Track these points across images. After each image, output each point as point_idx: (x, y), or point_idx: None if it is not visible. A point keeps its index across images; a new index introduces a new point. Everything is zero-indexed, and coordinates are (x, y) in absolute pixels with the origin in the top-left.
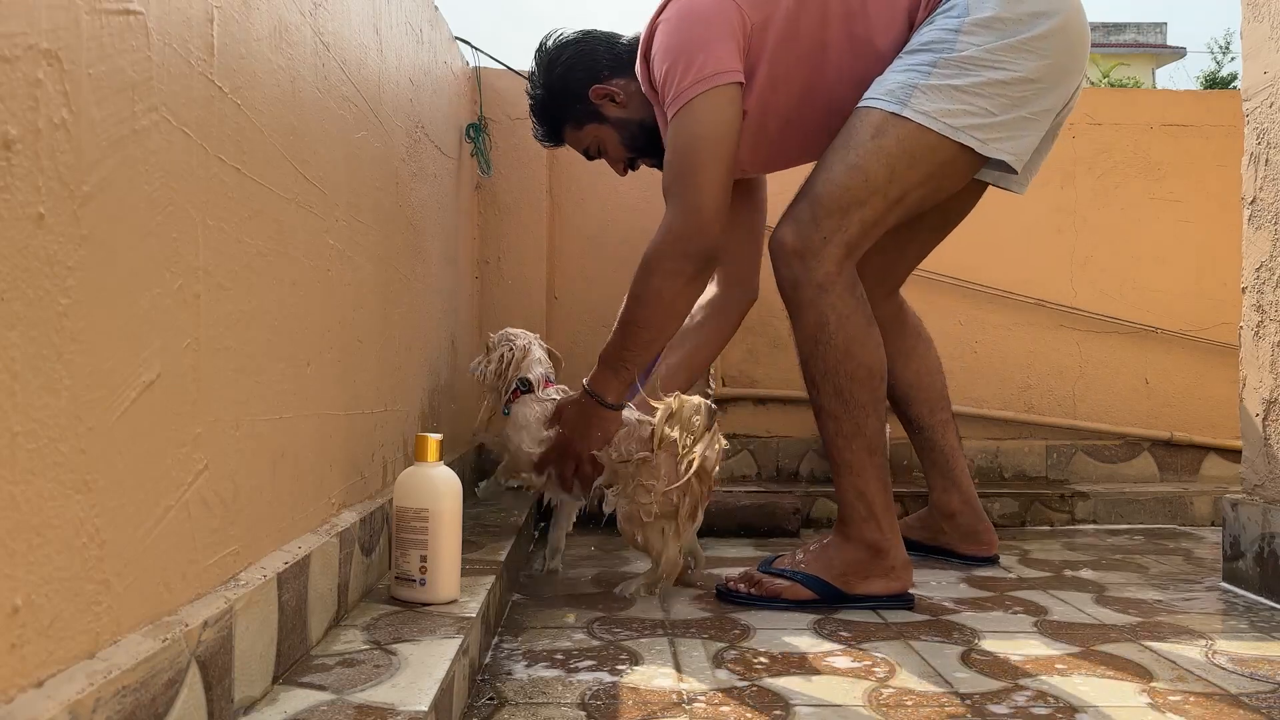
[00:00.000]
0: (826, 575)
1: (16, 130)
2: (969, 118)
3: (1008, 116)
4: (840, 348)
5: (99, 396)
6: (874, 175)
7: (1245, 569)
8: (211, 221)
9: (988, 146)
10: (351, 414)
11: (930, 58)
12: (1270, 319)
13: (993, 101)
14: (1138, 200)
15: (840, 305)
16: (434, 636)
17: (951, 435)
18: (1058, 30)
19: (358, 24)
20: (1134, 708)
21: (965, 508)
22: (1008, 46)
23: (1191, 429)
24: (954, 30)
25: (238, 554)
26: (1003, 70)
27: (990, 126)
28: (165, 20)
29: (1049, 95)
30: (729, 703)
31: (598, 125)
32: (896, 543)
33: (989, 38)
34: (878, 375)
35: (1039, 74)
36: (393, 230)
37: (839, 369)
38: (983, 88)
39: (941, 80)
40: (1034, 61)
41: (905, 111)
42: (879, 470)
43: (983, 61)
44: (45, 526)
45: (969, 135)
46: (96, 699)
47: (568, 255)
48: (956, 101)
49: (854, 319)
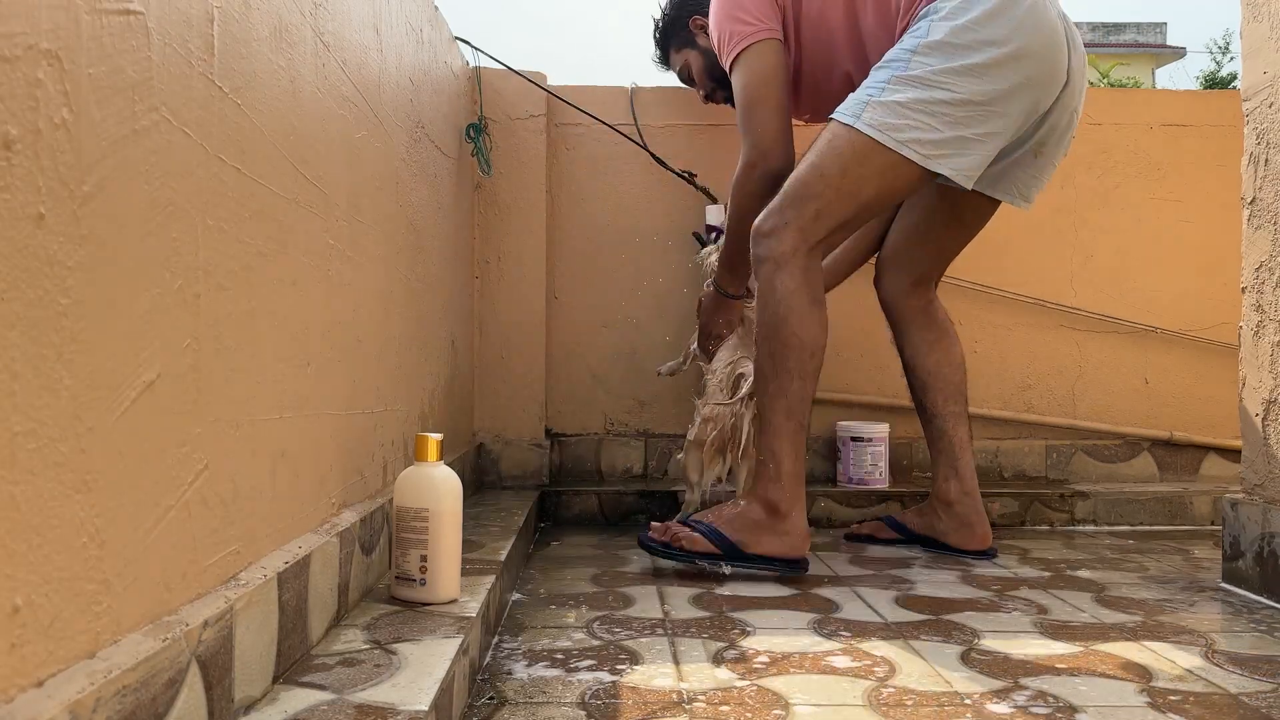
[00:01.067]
0: (728, 530)
1: (17, 130)
2: (912, 132)
3: (950, 134)
4: (780, 316)
5: (99, 396)
6: (827, 171)
7: (1245, 569)
8: (211, 221)
9: (929, 161)
10: (351, 414)
11: (886, 75)
12: (1270, 319)
13: (935, 119)
14: (1138, 200)
15: (789, 281)
16: (434, 636)
17: (963, 429)
18: (1007, 59)
19: (358, 24)
20: (1134, 708)
21: (964, 499)
22: (952, 70)
23: (1191, 429)
24: (910, 50)
25: (238, 554)
26: (945, 91)
27: (932, 143)
28: (165, 20)
29: (995, 120)
30: (729, 702)
31: (690, 50)
32: (798, 510)
33: (937, 59)
34: (808, 349)
35: (981, 98)
36: (393, 230)
37: (775, 334)
38: (926, 105)
39: (890, 97)
40: (977, 86)
41: (858, 124)
42: (793, 435)
43: (928, 81)
44: (45, 526)
45: (910, 149)
46: (97, 699)
47: (568, 255)
48: (901, 117)
49: (798, 294)
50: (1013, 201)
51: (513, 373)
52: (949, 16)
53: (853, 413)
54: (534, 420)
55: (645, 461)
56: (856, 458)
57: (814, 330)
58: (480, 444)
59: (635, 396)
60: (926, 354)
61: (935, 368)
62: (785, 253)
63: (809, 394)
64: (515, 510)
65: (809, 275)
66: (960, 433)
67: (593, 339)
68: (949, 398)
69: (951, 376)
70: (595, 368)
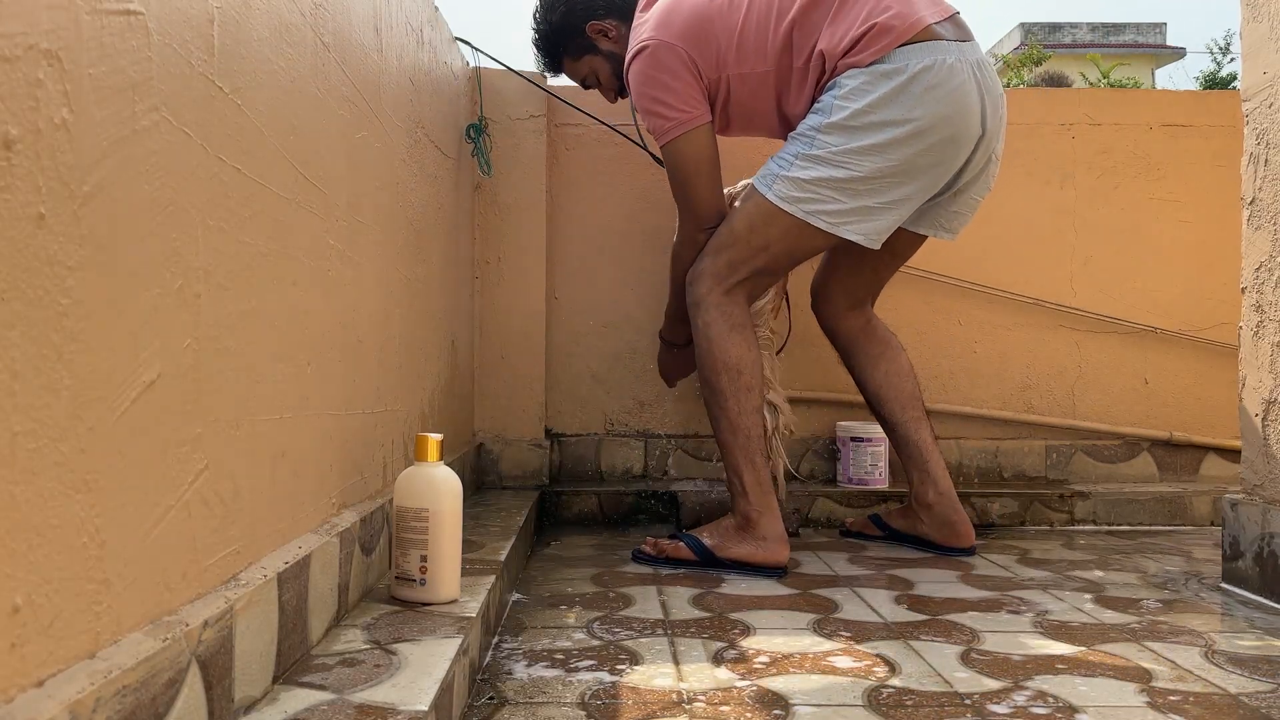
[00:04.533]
0: (707, 539)
1: (17, 130)
2: (816, 204)
3: (852, 204)
4: (705, 347)
5: (99, 396)
6: (738, 229)
7: (1245, 569)
8: (211, 221)
9: (837, 229)
10: (351, 414)
11: (795, 150)
12: (1270, 319)
13: (838, 192)
14: (1137, 200)
15: (707, 315)
16: (434, 636)
17: (925, 431)
18: (910, 136)
19: (358, 24)
20: (1134, 707)
21: (940, 499)
22: (852, 150)
23: (1191, 429)
24: (815, 128)
25: (238, 554)
26: (846, 170)
27: (836, 213)
28: (165, 20)
29: (900, 188)
30: (729, 702)
31: (593, 57)
32: (769, 517)
33: (839, 139)
34: (734, 369)
35: (881, 174)
36: (393, 230)
37: (704, 363)
38: (826, 182)
39: (796, 173)
40: (878, 163)
41: (769, 195)
42: (742, 449)
43: (829, 161)
44: (45, 526)
45: (818, 219)
46: (97, 699)
47: (567, 255)
48: (806, 191)
49: (716, 325)
50: (936, 235)
51: (513, 373)
52: (850, 96)
53: (853, 413)
54: (534, 420)
55: (645, 461)
56: (856, 458)
57: (735, 350)
58: (480, 444)
59: (635, 396)
60: (873, 369)
61: (884, 379)
62: (703, 294)
63: (748, 407)
64: (515, 510)
65: (724, 309)
66: (923, 436)
67: (593, 339)
68: (904, 405)
69: (902, 385)
70: (595, 368)
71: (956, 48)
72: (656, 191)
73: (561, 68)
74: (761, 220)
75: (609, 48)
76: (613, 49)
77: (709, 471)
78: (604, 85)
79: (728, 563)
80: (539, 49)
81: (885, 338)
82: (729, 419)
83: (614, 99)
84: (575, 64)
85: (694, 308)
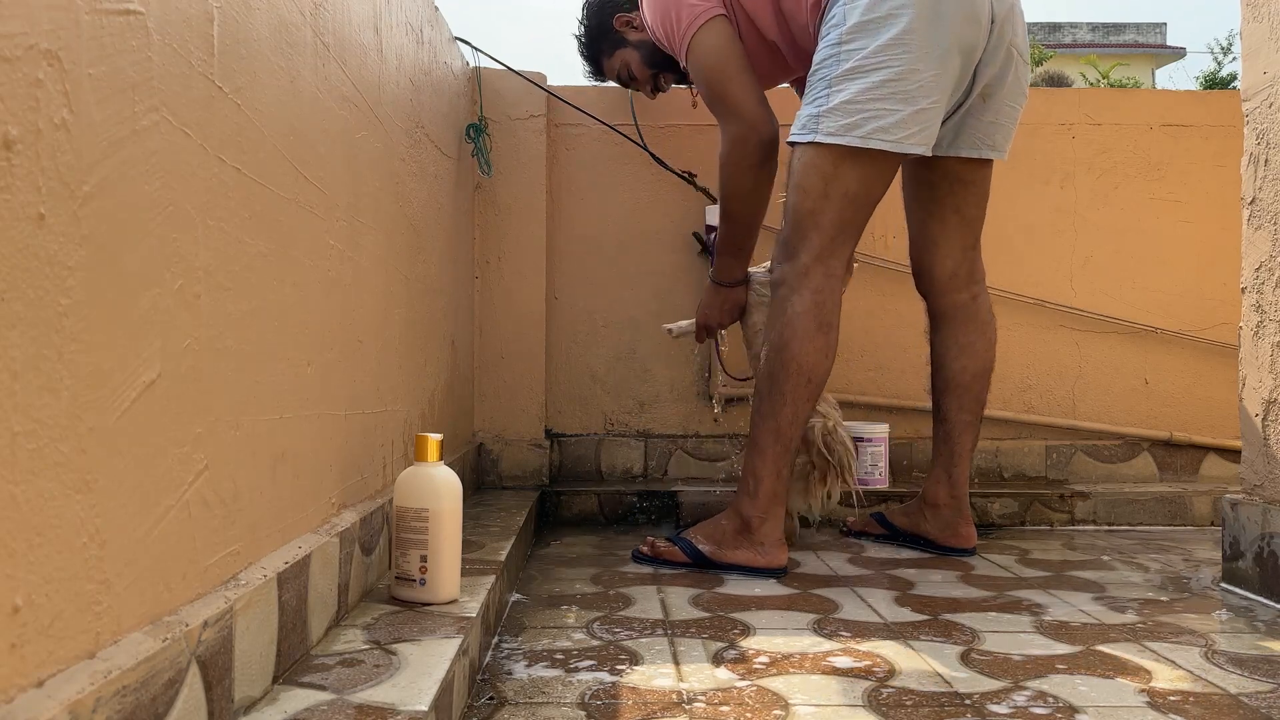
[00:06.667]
0: (704, 544)
1: (17, 130)
2: (871, 122)
3: (903, 111)
4: (785, 338)
5: (99, 396)
6: (812, 188)
7: (1245, 569)
8: (211, 221)
9: (901, 145)
10: (351, 414)
11: (825, 80)
12: (1270, 319)
13: (884, 101)
14: (1137, 200)
15: (798, 304)
16: (434, 636)
17: (968, 439)
18: (923, 16)
19: (358, 24)
20: (1134, 707)
21: (952, 503)
22: (878, 49)
23: (1191, 429)
24: (836, 44)
25: (238, 554)
26: (881, 71)
27: (892, 126)
28: (165, 20)
29: (932, 81)
30: (729, 702)
31: (623, 50)
32: (771, 525)
33: (865, 41)
34: (805, 374)
35: (914, 64)
36: (393, 230)
37: (777, 355)
38: (870, 91)
39: (837, 99)
40: (908, 54)
41: (817, 138)
42: (777, 457)
43: (864, 68)
44: (45, 526)
45: (877, 139)
46: (97, 699)
47: (567, 255)
48: (854, 113)
49: (804, 319)
50: (983, 154)
51: (513, 373)
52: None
53: (853, 413)
54: (534, 420)
55: (645, 461)
56: (857, 458)
57: (815, 356)
58: (480, 444)
59: (635, 396)
60: (955, 357)
61: (959, 375)
62: (799, 272)
63: (801, 418)
64: (515, 510)
65: (819, 297)
66: (965, 442)
67: (593, 339)
68: (964, 407)
69: (972, 386)
70: (595, 368)
71: None
72: (657, 191)
73: (603, 70)
74: (826, 170)
75: (637, 38)
76: (640, 38)
77: (709, 472)
78: (638, 79)
79: (724, 567)
80: (583, 57)
81: (983, 325)
82: (777, 423)
83: (652, 94)
84: (610, 61)
85: (785, 288)
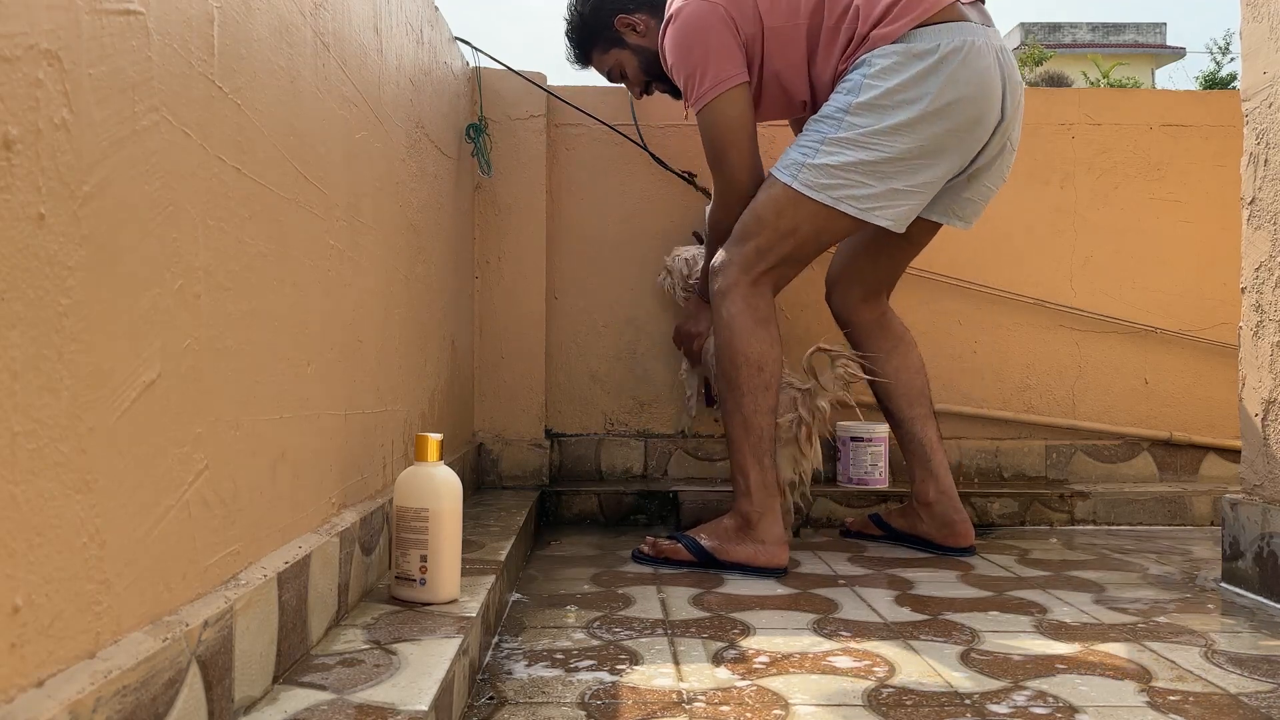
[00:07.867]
0: (706, 541)
1: (17, 130)
2: (846, 189)
3: (881, 188)
4: (726, 338)
5: (99, 396)
6: (764, 215)
7: (1245, 569)
8: (211, 221)
9: (866, 214)
10: (351, 414)
11: (820, 134)
12: (1270, 319)
13: (867, 176)
14: (1137, 200)
15: (732, 307)
16: (434, 636)
17: (931, 430)
18: (937, 113)
19: (358, 24)
20: (1134, 707)
21: (941, 498)
22: (879, 131)
23: (1191, 429)
24: (844, 109)
25: (238, 554)
26: (873, 151)
27: (865, 198)
28: (165, 20)
29: (926, 171)
30: (729, 702)
31: (620, 50)
32: (769, 519)
33: (869, 119)
34: (754, 364)
35: (909, 154)
36: (393, 230)
37: (725, 356)
38: (855, 166)
39: (824, 159)
40: (906, 142)
41: (795, 184)
42: (753, 448)
43: (858, 143)
44: (45, 526)
45: (846, 204)
46: (97, 699)
47: (567, 255)
48: (834, 177)
49: (741, 316)
50: (950, 223)
51: (513, 373)
52: (881, 75)
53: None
54: (534, 420)
55: (645, 461)
56: (856, 458)
57: (759, 346)
58: (480, 444)
59: (635, 396)
60: (884, 363)
61: (894, 374)
62: (729, 284)
63: (764, 406)
64: (515, 510)
65: (751, 300)
66: (929, 434)
67: (593, 339)
68: (912, 402)
69: (912, 381)
70: (595, 368)
71: (983, 31)
72: (656, 192)
73: (590, 61)
74: (789, 207)
75: (637, 42)
76: (640, 43)
77: (709, 471)
78: (630, 80)
79: (727, 565)
80: (571, 43)
81: (899, 332)
82: (743, 415)
83: (639, 95)
84: (603, 57)
85: (719, 297)
